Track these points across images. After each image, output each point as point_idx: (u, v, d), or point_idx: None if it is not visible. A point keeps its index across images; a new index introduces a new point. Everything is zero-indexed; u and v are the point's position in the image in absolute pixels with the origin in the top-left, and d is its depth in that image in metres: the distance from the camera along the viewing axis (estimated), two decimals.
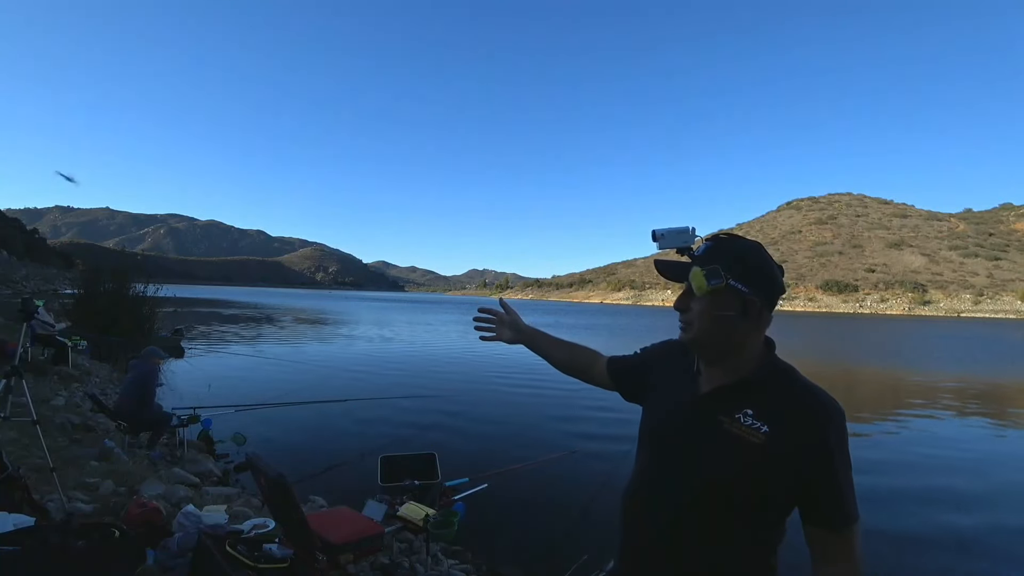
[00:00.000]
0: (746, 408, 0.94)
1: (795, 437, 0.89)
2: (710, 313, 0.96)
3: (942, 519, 4.68)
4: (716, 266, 0.94)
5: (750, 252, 0.97)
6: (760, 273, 0.95)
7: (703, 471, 0.95)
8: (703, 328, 0.97)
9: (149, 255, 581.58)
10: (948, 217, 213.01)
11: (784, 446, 0.89)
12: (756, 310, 0.95)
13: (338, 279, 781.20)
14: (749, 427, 0.92)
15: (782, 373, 0.97)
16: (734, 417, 0.94)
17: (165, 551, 2.41)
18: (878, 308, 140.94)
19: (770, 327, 1.00)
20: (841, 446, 0.89)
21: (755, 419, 0.92)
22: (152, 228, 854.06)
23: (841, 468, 0.89)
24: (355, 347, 17.56)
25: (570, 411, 8.49)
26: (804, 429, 0.89)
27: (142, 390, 4.95)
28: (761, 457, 0.90)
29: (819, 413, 0.90)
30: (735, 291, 0.94)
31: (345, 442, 6.30)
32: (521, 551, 3.79)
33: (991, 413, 9.70)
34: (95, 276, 11.89)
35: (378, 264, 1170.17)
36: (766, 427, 0.91)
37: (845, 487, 0.89)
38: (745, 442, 0.91)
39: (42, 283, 60.06)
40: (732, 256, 0.95)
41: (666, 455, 1.02)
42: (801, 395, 0.93)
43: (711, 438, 0.96)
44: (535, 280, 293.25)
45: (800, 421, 0.90)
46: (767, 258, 0.97)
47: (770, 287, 0.95)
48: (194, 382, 9.62)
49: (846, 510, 0.90)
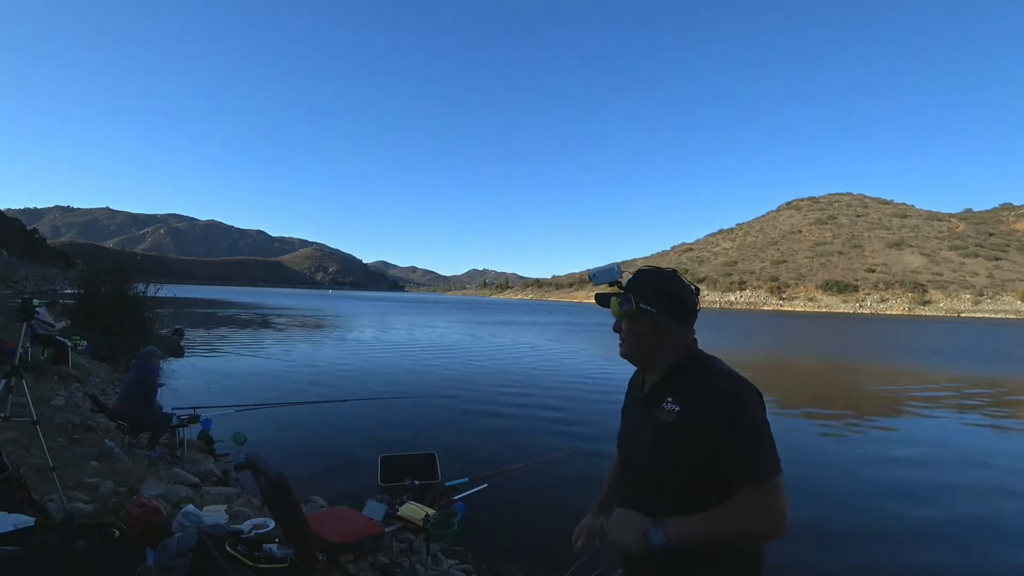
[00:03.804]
0: (668, 397, 1.18)
1: (697, 412, 1.11)
2: (630, 331, 1.25)
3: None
4: (629, 294, 1.22)
5: (660, 280, 1.23)
6: (666, 297, 1.20)
7: (646, 458, 1.20)
8: (628, 343, 1.26)
9: (149, 255, 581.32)
10: (948, 217, 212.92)
11: (692, 420, 1.11)
12: (664, 326, 1.20)
13: (338, 279, 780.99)
14: (668, 410, 1.16)
15: (694, 363, 1.20)
16: (660, 406, 1.18)
17: (165, 551, 2.41)
18: (878, 308, 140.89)
19: (770, 328, 1.01)
20: (738, 416, 1.07)
21: (672, 403, 1.16)
22: (152, 228, 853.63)
23: (741, 430, 1.06)
24: (355, 347, 17.55)
25: (570, 411, 8.49)
26: (704, 405, 1.11)
27: (142, 390, 4.95)
28: (676, 434, 1.12)
29: (716, 391, 1.11)
30: (646, 312, 1.20)
31: (345, 442, 6.30)
32: (521, 551, 3.79)
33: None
34: (95, 276, 11.89)
35: (378, 264, 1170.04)
36: (678, 407, 1.14)
37: (748, 444, 1.06)
38: (663, 423, 1.16)
39: (42, 283, 60.07)
40: (644, 285, 1.23)
41: (626, 452, 1.31)
42: (705, 379, 1.15)
43: (648, 429, 1.20)
44: (535, 280, 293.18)
45: (700, 399, 1.12)
46: (676, 285, 1.22)
47: (676, 308, 1.20)
48: (194, 382, 9.63)
49: (753, 461, 1.05)
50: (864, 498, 5.11)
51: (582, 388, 10.70)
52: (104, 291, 11.53)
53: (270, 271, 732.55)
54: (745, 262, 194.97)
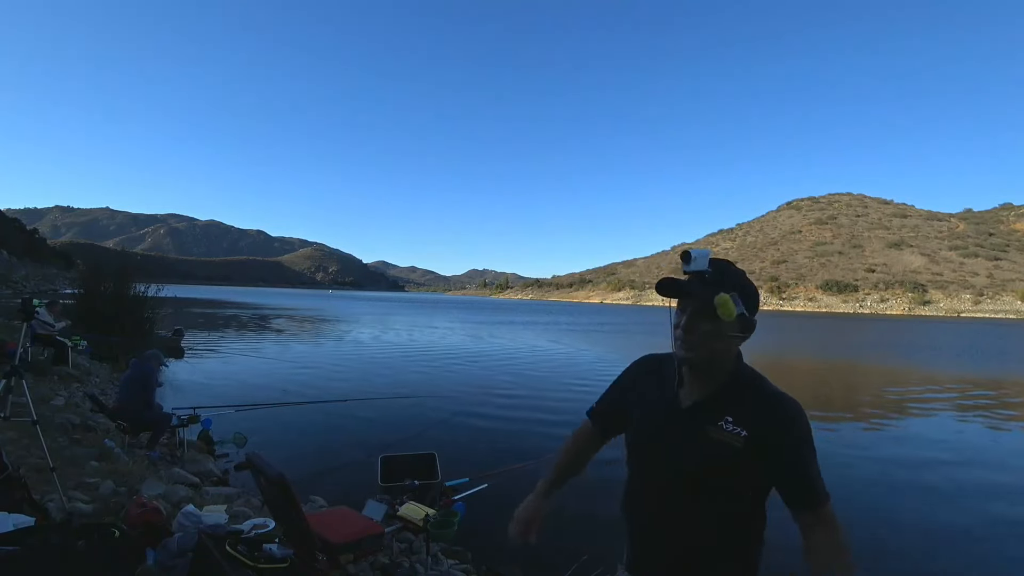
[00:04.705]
0: (727, 416, 1.10)
1: (769, 439, 1.07)
2: (722, 334, 1.08)
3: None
4: (735, 292, 1.06)
5: (746, 278, 1.13)
6: (753, 298, 1.12)
7: (695, 473, 1.12)
8: (710, 347, 1.10)
9: (149, 255, 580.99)
10: (948, 217, 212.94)
11: (760, 446, 1.07)
12: (751, 331, 1.12)
13: (338, 279, 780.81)
14: (731, 432, 1.09)
15: (754, 382, 1.14)
16: (717, 425, 1.10)
17: (165, 551, 2.41)
18: (878, 308, 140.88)
19: (770, 328, 1.01)
20: (805, 442, 1.07)
21: (735, 425, 1.09)
22: (152, 228, 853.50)
23: (808, 461, 1.07)
24: (355, 347, 17.55)
25: (571, 412, 8.48)
26: (776, 432, 1.07)
27: (140, 390, 4.94)
28: (743, 456, 1.07)
29: (786, 417, 1.08)
30: (742, 314, 1.08)
31: (345, 442, 6.30)
32: (521, 551, 3.78)
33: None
34: (95, 276, 11.89)
35: (378, 264, 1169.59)
36: (744, 432, 1.08)
37: (814, 475, 1.08)
38: (728, 447, 1.08)
39: (42, 283, 60.06)
40: (738, 282, 1.10)
41: (657, 460, 1.20)
42: (771, 402, 1.10)
43: (699, 444, 1.12)
44: (535, 280, 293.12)
45: (772, 425, 1.07)
46: (753, 283, 1.13)
47: (755, 310, 1.13)
48: (194, 382, 9.63)
49: (817, 493, 1.07)
50: (866, 499, 5.11)
51: (583, 389, 10.70)
52: (104, 291, 11.53)
53: (270, 271, 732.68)
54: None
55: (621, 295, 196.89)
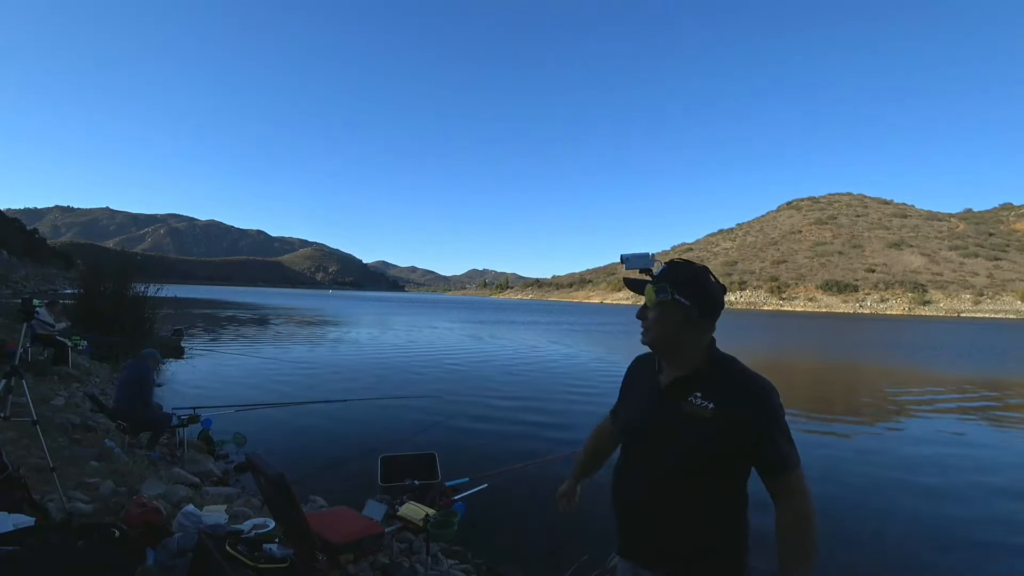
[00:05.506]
0: (696, 392, 1.22)
1: (735, 411, 1.17)
2: (659, 320, 1.25)
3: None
4: (664, 283, 1.23)
5: (694, 273, 1.25)
6: (700, 291, 1.23)
7: (671, 446, 1.23)
8: (655, 332, 1.27)
9: (149, 255, 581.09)
10: (948, 217, 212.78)
11: (727, 418, 1.17)
12: (695, 319, 1.23)
13: (338, 279, 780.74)
14: (699, 406, 1.21)
15: (723, 363, 1.25)
16: (687, 400, 1.23)
17: (165, 551, 2.41)
18: (878, 308, 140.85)
19: (770, 328, 1.02)
20: (772, 413, 1.17)
21: (703, 399, 1.21)
22: (152, 228, 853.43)
23: (774, 429, 1.17)
24: (355, 347, 17.55)
25: (572, 412, 8.49)
26: (742, 404, 1.17)
27: (136, 390, 4.93)
28: (711, 428, 1.18)
29: (752, 391, 1.18)
30: (679, 303, 1.22)
31: (345, 442, 6.30)
32: (521, 551, 3.79)
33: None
34: (95, 276, 11.89)
35: (378, 264, 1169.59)
36: (712, 404, 1.19)
37: (780, 441, 1.17)
38: (697, 417, 1.20)
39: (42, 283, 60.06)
40: (680, 276, 1.24)
41: (640, 439, 1.31)
42: (738, 378, 1.21)
43: (673, 419, 1.24)
44: (535, 280, 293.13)
45: (738, 398, 1.18)
46: (707, 279, 1.25)
47: (707, 302, 1.23)
48: (194, 382, 9.63)
49: (784, 459, 1.18)
50: (866, 499, 5.11)
51: (584, 389, 10.69)
52: (104, 291, 11.53)
53: (270, 271, 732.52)
54: (745, 262, 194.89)
55: (621, 295, 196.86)
